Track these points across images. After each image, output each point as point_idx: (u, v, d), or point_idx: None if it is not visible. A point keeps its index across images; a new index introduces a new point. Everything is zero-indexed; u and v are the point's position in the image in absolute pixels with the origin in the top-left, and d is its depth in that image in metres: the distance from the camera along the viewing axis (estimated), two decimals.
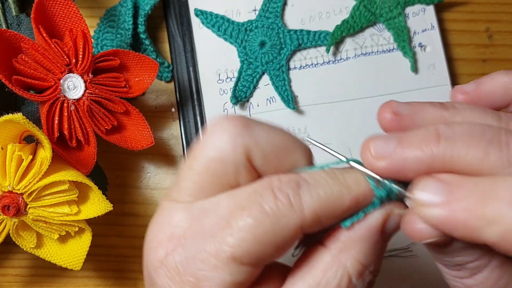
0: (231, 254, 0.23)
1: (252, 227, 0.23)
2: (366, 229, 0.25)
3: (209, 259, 0.23)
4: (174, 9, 0.52)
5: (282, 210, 0.23)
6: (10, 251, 0.49)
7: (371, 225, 0.25)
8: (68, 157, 0.41)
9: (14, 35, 0.40)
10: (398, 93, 0.50)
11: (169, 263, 0.24)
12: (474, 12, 0.53)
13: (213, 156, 0.24)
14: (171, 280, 0.24)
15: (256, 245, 0.23)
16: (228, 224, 0.23)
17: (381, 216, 0.25)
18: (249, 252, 0.23)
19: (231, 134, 0.24)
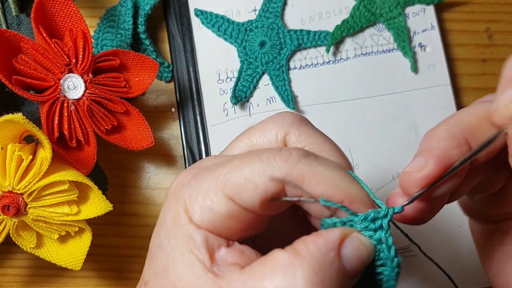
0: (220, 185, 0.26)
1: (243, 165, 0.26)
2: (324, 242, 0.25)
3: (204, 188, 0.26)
4: (174, 9, 0.52)
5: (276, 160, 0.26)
6: (10, 251, 0.49)
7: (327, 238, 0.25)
8: (68, 157, 0.41)
9: (14, 35, 0.40)
10: (398, 93, 0.50)
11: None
12: (474, 12, 0.53)
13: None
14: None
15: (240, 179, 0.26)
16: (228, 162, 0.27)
17: (339, 232, 0.25)
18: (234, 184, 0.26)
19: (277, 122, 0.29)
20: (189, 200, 0.27)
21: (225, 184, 0.26)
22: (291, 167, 0.25)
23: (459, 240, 0.49)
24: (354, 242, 0.25)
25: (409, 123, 0.50)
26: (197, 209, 0.26)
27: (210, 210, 0.26)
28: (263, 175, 0.25)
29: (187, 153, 0.50)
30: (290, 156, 0.26)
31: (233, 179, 0.26)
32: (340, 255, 0.25)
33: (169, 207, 0.28)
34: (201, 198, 0.26)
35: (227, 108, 0.50)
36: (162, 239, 0.27)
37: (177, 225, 0.27)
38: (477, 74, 0.53)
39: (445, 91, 0.50)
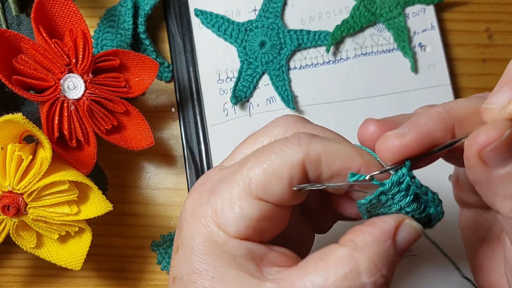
0: (245, 189, 0.26)
1: (260, 161, 0.26)
2: (380, 232, 0.26)
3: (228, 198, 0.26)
4: (174, 9, 0.52)
5: (289, 147, 0.26)
6: (10, 251, 0.49)
7: (384, 229, 0.26)
8: (68, 157, 0.41)
9: (14, 35, 0.40)
10: (398, 93, 0.50)
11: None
12: (474, 12, 0.53)
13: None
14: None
15: (264, 177, 0.26)
16: (243, 165, 0.27)
17: (393, 222, 0.26)
18: (258, 183, 0.26)
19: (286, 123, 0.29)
20: (217, 216, 0.26)
21: (250, 186, 0.26)
22: (306, 149, 0.26)
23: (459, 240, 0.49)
24: (407, 228, 0.27)
25: None
26: (230, 221, 0.26)
27: (243, 217, 0.26)
28: (284, 164, 0.26)
29: (187, 153, 0.50)
30: (300, 140, 0.26)
31: (256, 178, 0.26)
32: (395, 242, 0.26)
33: (194, 229, 0.27)
34: (229, 208, 0.26)
35: (227, 108, 0.50)
36: (195, 265, 0.26)
37: (212, 244, 0.26)
38: (477, 74, 0.53)
39: (445, 91, 0.50)
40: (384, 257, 0.26)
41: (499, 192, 0.25)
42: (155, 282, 0.49)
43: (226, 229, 0.26)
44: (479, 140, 0.24)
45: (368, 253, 0.25)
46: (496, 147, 0.24)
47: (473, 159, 0.24)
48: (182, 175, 0.50)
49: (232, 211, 0.26)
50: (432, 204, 0.28)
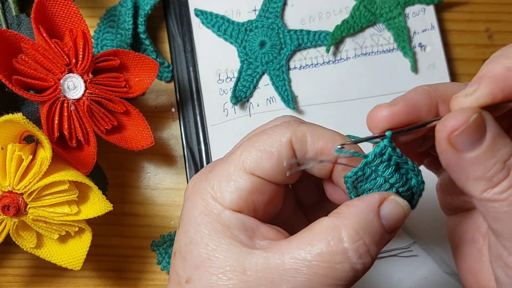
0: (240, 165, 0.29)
1: (253, 142, 0.29)
2: (364, 204, 0.28)
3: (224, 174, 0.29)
4: (174, 9, 0.52)
5: (278, 128, 0.29)
6: (10, 251, 0.49)
7: (368, 201, 0.28)
8: (68, 157, 0.41)
9: (14, 35, 0.40)
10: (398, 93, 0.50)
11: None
12: (474, 12, 0.53)
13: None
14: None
15: (257, 153, 0.28)
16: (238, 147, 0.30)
17: (378, 196, 0.28)
18: (251, 159, 0.29)
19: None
20: (213, 190, 0.29)
21: (243, 162, 0.29)
22: (294, 130, 0.29)
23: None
24: (391, 203, 0.28)
25: None
26: (226, 193, 0.28)
27: (238, 190, 0.28)
28: (273, 142, 0.29)
29: (187, 153, 0.50)
30: (289, 123, 0.30)
31: (249, 156, 0.29)
32: (379, 215, 0.28)
33: (193, 204, 0.29)
34: (225, 182, 0.29)
35: (227, 108, 0.50)
36: (192, 235, 0.29)
37: (208, 215, 0.28)
38: None
39: None
40: (366, 227, 0.27)
41: (470, 175, 0.26)
42: (155, 282, 0.49)
43: (221, 201, 0.28)
44: (448, 124, 0.26)
45: (350, 222, 0.27)
46: (463, 131, 0.25)
47: (443, 143, 0.26)
48: (182, 175, 0.50)
49: (228, 184, 0.29)
50: (413, 174, 0.30)
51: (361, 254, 0.27)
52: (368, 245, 0.27)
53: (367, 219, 0.27)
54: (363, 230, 0.27)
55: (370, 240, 0.27)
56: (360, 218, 0.27)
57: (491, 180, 0.26)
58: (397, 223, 0.28)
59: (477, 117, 0.25)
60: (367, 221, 0.27)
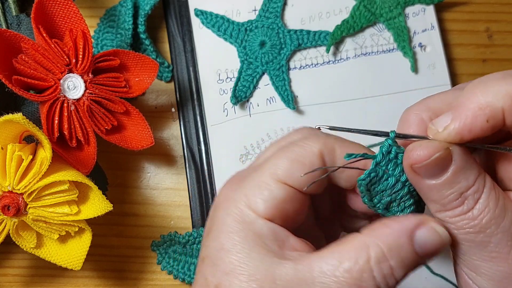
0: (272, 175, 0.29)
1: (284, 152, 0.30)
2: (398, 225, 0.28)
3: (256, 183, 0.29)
4: (174, 9, 0.52)
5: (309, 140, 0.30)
6: (10, 251, 0.49)
7: (403, 224, 0.28)
8: (68, 157, 0.41)
9: (14, 35, 0.40)
10: (398, 93, 0.50)
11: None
12: (474, 12, 0.53)
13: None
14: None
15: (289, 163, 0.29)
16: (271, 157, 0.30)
17: (414, 219, 0.28)
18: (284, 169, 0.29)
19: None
20: (247, 197, 0.29)
21: (276, 171, 0.29)
22: (324, 142, 0.30)
23: None
24: (428, 230, 0.28)
25: None
26: (259, 201, 0.29)
27: (271, 198, 0.29)
28: (305, 153, 0.29)
29: (187, 153, 0.50)
30: (318, 135, 0.31)
31: (282, 165, 0.29)
32: (413, 240, 0.27)
33: (226, 211, 0.29)
34: (259, 191, 0.29)
35: (227, 108, 0.50)
36: (223, 241, 0.29)
37: (241, 223, 0.29)
38: (477, 74, 0.53)
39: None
40: (395, 250, 0.27)
41: (428, 197, 0.29)
42: (155, 282, 0.49)
43: (255, 209, 0.29)
44: (411, 155, 0.28)
45: (379, 242, 0.27)
46: (425, 165, 0.27)
47: (407, 168, 0.29)
48: (182, 175, 0.50)
49: (261, 193, 0.29)
50: None
51: (385, 276, 0.27)
52: (394, 268, 0.27)
53: (398, 242, 0.27)
54: (391, 252, 0.27)
55: (397, 263, 0.27)
56: (391, 240, 0.27)
57: (445, 206, 0.28)
58: (432, 250, 0.28)
59: (441, 153, 0.27)
60: (398, 244, 0.27)
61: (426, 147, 0.27)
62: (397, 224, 0.28)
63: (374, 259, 0.27)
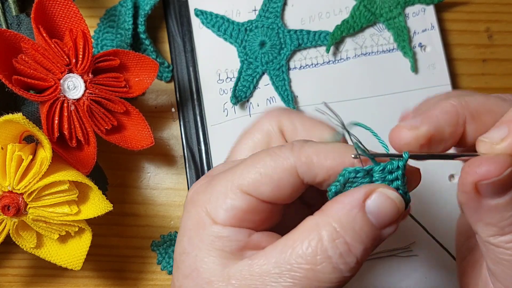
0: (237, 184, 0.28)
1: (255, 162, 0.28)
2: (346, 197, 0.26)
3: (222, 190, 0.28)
4: (174, 9, 0.52)
5: (283, 151, 0.28)
6: (10, 251, 0.49)
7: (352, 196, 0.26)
8: (68, 157, 0.41)
9: (14, 35, 0.40)
10: (398, 93, 0.50)
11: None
12: (474, 12, 0.53)
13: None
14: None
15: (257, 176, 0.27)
16: (241, 163, 0.29)
17: (364, 190, 0.26)
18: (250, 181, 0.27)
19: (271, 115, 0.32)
20: (209, 204, 0.28)
21: (242, 182, 0.28)
22: (298, 154, 0.27)
23: None
24: (379, 197, 0.26)
25: None
26: (220, 210, 0.28)
27: (232, 208, 0.28)
28: (276, 167, 0.27)
29: (187, 153, 0.50)
30: (293, 146, 0.28)
31: (249, 176, 0.28)
32: (365, 211, 0.26)
33: (188, 215, 0.29)
34: (221, 199, 0.28)
35: (227, 108, 0.50)
36: (185, 245, 0.29)
37: (200, 228, 0.28)
38: (477, 74, 0.53)
39: (445, 91, 0.50)
40: (348, 224, 0.26)
41: (483, 219, 0.26)
42: (155, 282, 0.49)
43: (215, 217, 0.28)
44: (479, 171, 0.25)
45: (330, 220, 0.26)
46: (493, 182, 0.24)
47: (468, 186, 0.25)
48: (182, 175, 0.50)
49: (223, 202, 0.28)
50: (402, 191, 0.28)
51: (341, 254, 0.25)
52: (350, 244, 0.26)
53: (350, 216, 0.26)
54: (344, 228, 0.26)
55: (353, 238, 0.26)
56: (342, 215, 0.26)
57: (503, 229, 0.26)
58: (389, 218, 0.26)
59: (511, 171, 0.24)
60: (349, 217, 0.26)
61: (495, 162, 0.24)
62: (347, 198, 0.26)
63: (327, 238, 0.25)
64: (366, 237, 0.26)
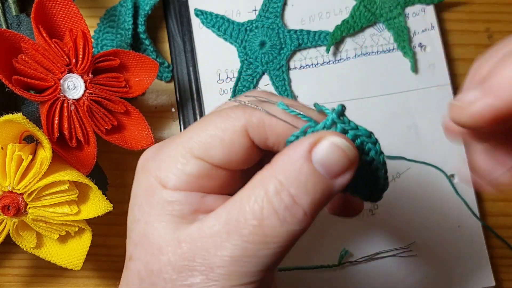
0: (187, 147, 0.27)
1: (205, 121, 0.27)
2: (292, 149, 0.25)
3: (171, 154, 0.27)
4: (174, 9, 0.52)
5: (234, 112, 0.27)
6: (10, 251, 0.49)
7: (297, 146, 0.25)
8: (68, 157, 0.41)
9: (14, 35, 0.40)
10: (398, 93, 0.50)
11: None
12: (474, 12, 0.53)
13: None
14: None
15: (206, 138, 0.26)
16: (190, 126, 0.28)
17: (311, 139, 0.25)
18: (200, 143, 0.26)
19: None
20: (159, 170, 0.27)
21: (192, 146, 0.27)
22: (249, 116, 0.26)
23: (459, 240, 0.49)
24: (325, 145, 0.25)
25: (409, 123, 0.50)
26: (170, 175, 0.27)
27: (183, 173, 0.27)
28: (226, 129, 0.26)
29: None
30: (246, 107, 0.27)
31: (199, 139, 0.27)
32: (310, 161, 0.25)
33: (138, 181, 0.28)
34: (171, 164, 0.27)
35: None
36: (135, 213, 0.28)
37: (150, 195, 0.27)
38: None
39: (445, 91, 0.50)
40: (293, 176, 0.25)
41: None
42: None
43: (165, 183, 0.27)
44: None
45: (276, 173, 0.25)
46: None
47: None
48: None
49: (174, 166, 0.27)
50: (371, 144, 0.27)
51: (287, 206, 0.24)
52: (295, 196, 0.24)
53: (295, 167, 0.25)
54: (289, 179, 0.24)
55: (298, 190, 0.24)
56: (288, 166, 0.25)
57: None
58: (338, 167, 0.25)
59: None
60: (294, 168, 0.25)
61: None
62: (292, 149, 0.25)
63: (272, 191, 0.24)
64: (313, 188, 0.25)
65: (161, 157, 0.28)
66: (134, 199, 0.28)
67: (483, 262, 0.49)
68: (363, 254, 0.48)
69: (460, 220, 0.49)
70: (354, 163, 0.26)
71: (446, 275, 0.49)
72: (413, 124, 0.50)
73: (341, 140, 0.25)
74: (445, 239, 0.49)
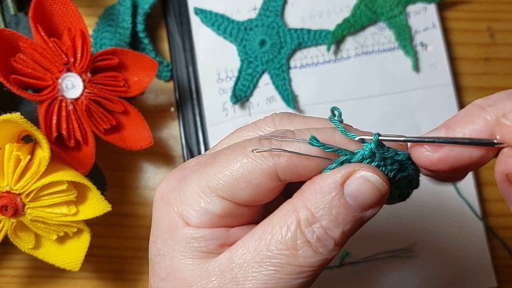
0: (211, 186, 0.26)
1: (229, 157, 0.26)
2: (324, 180, 0.25)
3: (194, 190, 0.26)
4: (174, 8, 0.52)
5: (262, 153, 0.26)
6: (8, 252, 0.48)
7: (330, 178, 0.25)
8: (67, 157, 0.41)
9: (12, 34, 0.40)
10: (399, 93, 0.50)
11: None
12: (476, 11, 0.53)
13: None
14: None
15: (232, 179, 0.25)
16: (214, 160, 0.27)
17: (341, 173, 0.25)
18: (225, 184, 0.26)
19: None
20: (181, 205, 0.27)
21: (217, 185, 0.26)
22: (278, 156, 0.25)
23: (460, 240, 0.49)
24: (358, 179, 0.25)
25: (410, 123, 0.50)
26: (192, 213, 0.26)
27: (206, 212, 0.26)
28: (253, 170, 0.25)
29: (186, 153, 0.49)
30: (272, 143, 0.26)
31: (224, 179, 0.26)
32: (343, 194, 0.25)
33: (160, 214, 0.28)
34: (194, 201, 0.26)
35: (226, 108, 0.49)
36: (159, 246, 0.27)
37: (173, 229, 0.27)
38: (479, 73, 0.52)
39: (447, 90, 0.50)
40: (325, 208, 0.25)
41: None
42: None
43: (188, 220, 0.26)
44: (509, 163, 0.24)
45: (307, 204, 0.25)
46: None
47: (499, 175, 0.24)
48: None
49: (197, 205, 0.26)
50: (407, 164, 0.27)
51: (319, 238, 0.25)
52: (327, 228, 0.25)
53: (326, 199, 0.25)
54: (321, 211, 0.25)
55: (330, 222, 0.25)
56: (319, 198, 0.25)
57: None
58: (369, 201, 0.25)
59: None
60: (325, 201, 0.25)
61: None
62: (325, 180, 0.25)
63: (304, 222, 0.25)
64: (344, 220, 0.25)
65: (183, 191, 0.27)
66: (157, 232, 0.28)
67: (485, 262, 0.49)
68: (363, 255, 0.48)
69: (460, 221, 0.49)
70: (385, 196, 0.26)
71: (447, 275, 0.49)
72: (414, 123, 0.50)
73: (373, 175, 0.25)
74: (446, 240, 0.49)
